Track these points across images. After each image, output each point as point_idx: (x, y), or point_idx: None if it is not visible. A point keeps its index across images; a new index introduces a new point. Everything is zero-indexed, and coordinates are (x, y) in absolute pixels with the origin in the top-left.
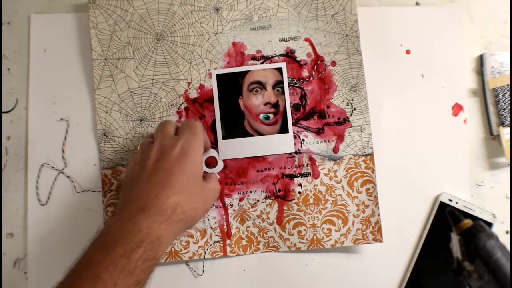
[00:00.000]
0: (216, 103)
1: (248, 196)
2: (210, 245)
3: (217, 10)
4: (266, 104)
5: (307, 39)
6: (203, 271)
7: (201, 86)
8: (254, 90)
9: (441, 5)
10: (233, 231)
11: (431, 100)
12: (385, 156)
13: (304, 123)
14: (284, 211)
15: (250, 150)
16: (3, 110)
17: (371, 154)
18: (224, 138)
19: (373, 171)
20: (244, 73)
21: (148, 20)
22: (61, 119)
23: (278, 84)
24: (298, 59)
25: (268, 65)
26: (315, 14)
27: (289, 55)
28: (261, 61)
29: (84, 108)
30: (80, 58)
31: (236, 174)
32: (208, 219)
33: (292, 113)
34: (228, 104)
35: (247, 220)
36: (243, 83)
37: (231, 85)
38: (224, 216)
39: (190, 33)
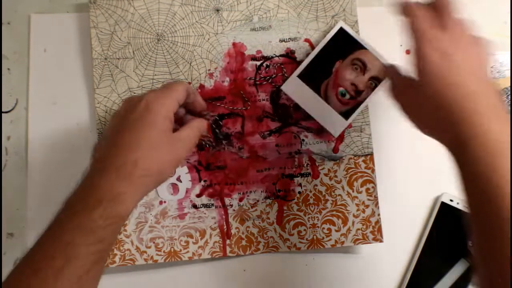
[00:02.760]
0: (320, 46)
1: (248, 196)
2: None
3: (218, 10)
4: (352, 84)
5: (307, 40)
6: None
7: (201, 86)
8: (355, 65)
9: None
10: (233, 231)
11: None
12: (385, 156)
13: (304, 123)
14: (284, 211)
15: (306, 103)
16: (3, 110)
17: (371, 154)
18: (298, 76)
19: (373, 171)
20: (360, 46)
21: (148, 20)
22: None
23: (376, 79)
24: (298, 59)
25: (383, 59)
26: (315, 15)
27: (289, 56)
28: (261, 61)
29: (84, 108)
30: (80, 58)
31: (236, 174)
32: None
33: (293, 113)
34: (326, 57)
35: (247, 220)
36: (352, 53)
37: (343, 45)
38: (224, 216)
39: (190, 33)
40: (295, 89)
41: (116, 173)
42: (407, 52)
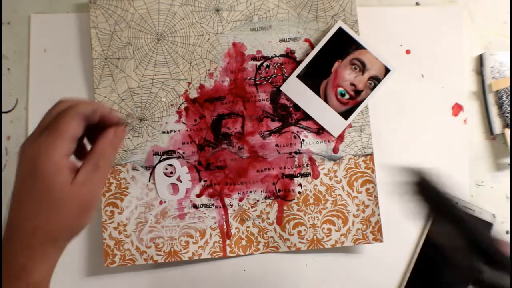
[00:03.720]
0: (319, 46)
1: (248, 196)
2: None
3: (218, 10)
4: (352, 84)
5: (307, 40)
6: None
7: (201, 86)
8: (354, 65)
9: (441, 5)
10: (233, 231)
11: (431, 100)
12: (385, 156)
13: (304, 123)
14: (284, 211)
15: (306, 103)
16: (3, 110)
17: (371, 154)
18: (297, 76)
19: (373, 171)
20: (359, 46)
21: (148, 20)
22: None
23: (375, 79)
24: (298, 59)
25: (382, 59)
26: (315, 15)
27: (289, 56)
28: (261, 61)
29: None
30: (80, 58)
31: (236, 174)
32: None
33: (292, 113)
34: (325, 57)
35: (247, 220)
36: (351, 53)
37: (341, 45)
38: (224, 216)
39: (190, 33)
40: (295, 89)
41: (18, 242)
42: (407, 52)
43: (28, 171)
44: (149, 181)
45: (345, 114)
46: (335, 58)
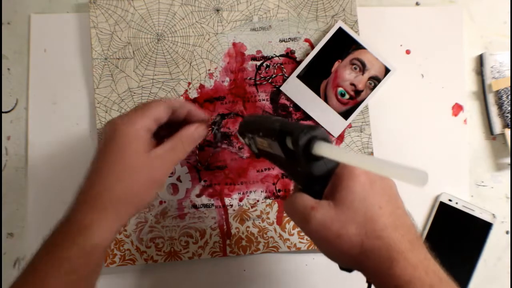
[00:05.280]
0: (319, 46)
1: (248, 196)
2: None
3: (218, 10)
4: (352, 84)
5: (307, 40)
6: None
7: (201, 86)
8: (354, 65)
9: (441, 5)
10: (233, 231)
11: (431, 100)
12: (385, 156)
13: (303, 123)
14: (284, 211)
15: (306, 103)
16: (3, 110)
17: (371, 154)
18: (297, 76)
19: None
20: (359, 46)
21: (148, 20)
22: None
23: (375, 79)
24: (298, 59)
25: (382, 59)
26: (315, 15)
27: (289, 56)
28: (261, 61)
29: (84, 108)
30: (80, 58)
31: (236, 174)
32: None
33: (292, 113)
34: (325, 57)
35: (247, 220)
36: (351, 53)
37: (341, 45)
38: (224, 216)
39: (190, 33)
40: (295, 89)
41: (88, 203)
42: (407, 52)
43: (109, 137)
44: None
45: (345, 114)
46: (335, 58)
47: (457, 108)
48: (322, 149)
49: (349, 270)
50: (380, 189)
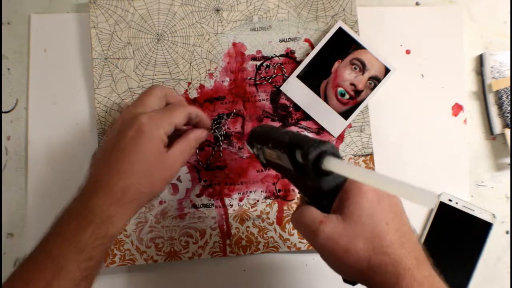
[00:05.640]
0: (319, 46)
1: (248, 196)
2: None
3: (218, 10)
4: (352, 84)
5: (307, 40)
6: None
7: (201, 86)
8: (354, 65)
9: (441, 5)
10: (233, 231)
11: (431, 100)
12: (385, 156)
13: (304, 123)
14: (284, 211)
15: (306, 103)
16: (3, 110)
17: (371, 154)
18: (297, 76)
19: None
20: (359, 46)
21: (148, 20)
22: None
23: (375, 79)
24: (298, 59)
25: (382, 59)
26: (315, 15)
27: (289, 56)
28: (261, 61)
29: (84, 108)
30: (80, 58)
31: (236, 174)
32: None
33: (292, 113)
34: (325, 57)
35: (247, 220)
36: (351, 53)
37: (341, 45)
38: (224, 216)
39: (190, 33)
40: (295, 89)
41: (108, 197)
42: (407, 52)
43: (133, 134)
44: None
45: (345, 114)
46: (335, 58)
47: (457, 108)
48: (332, 164)
49: (353, 283)
50: (387, 206)
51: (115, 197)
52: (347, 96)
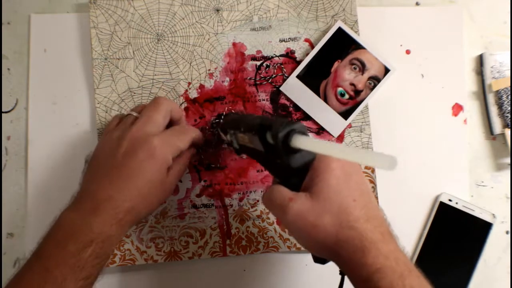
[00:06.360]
0: (318, 46)
1: (248, 196)
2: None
3: (218, 10)
4: (351, 84)
5: (307, 40)
6: None
7: (201, 86)
8: (353, 65)
9: (441, 5)
10: (233, 231)
11: (431, 100)
12: None
13: (304, 123)
14: None
15: (306, 103)
16: (3, 110)
17: None
18: (297, 76)
19: (373, 171)
20: (359, 46)
21: (148, 20)
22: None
23: (375, 78)
24: (298, 59)
25: (382, 59)
26: (315, 15)
27: (289, 56)
28: (261, 61)
29: (84, 108)
30: (80, 58)
31: (236, 174)
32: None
33: (292, 113)
34: (325, 57)
35: (247, 220)
36: (350, 53)
37: (341, 45)
38: (224, 216)
39: (190, 33)
40: (294, 89)
41: (111, 217)
42: (407, 52)
43: (145, 155)
44: None
45: (345, 114)
46: (334, 58)
47: (457, 108)
48: (300, 142)
49: (323, 262)
50: (354, 183)
51: (117, 218)
52: (346, 96)
